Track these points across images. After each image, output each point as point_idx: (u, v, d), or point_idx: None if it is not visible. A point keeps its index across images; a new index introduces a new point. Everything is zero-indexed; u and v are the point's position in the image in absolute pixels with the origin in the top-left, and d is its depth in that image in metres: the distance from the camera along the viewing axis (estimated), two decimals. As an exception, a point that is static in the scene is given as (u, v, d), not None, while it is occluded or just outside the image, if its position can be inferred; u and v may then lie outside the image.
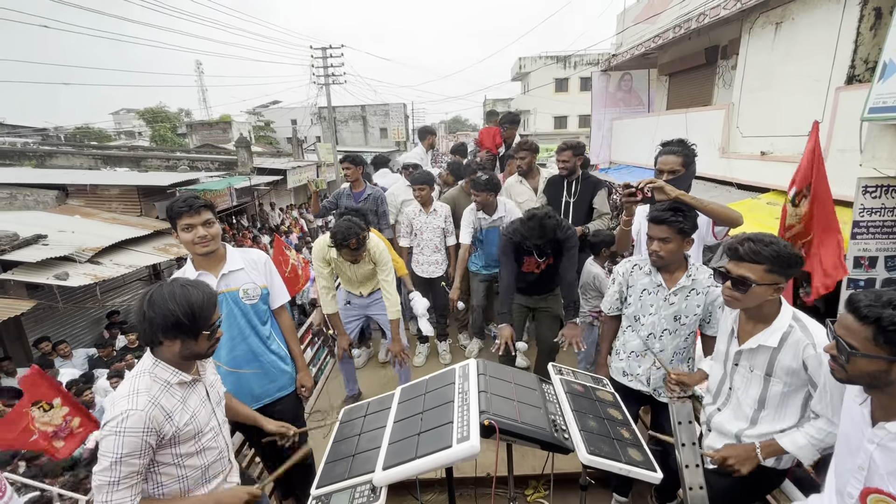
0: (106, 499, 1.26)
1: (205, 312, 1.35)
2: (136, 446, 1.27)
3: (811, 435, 1.47)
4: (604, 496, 2.40)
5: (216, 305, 1.42)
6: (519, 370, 1.73)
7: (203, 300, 1.35)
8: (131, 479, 1.28)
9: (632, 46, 9.36)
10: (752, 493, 1.68)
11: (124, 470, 1.26)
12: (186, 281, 1.40)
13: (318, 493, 1.43)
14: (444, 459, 1.26)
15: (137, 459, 1.28)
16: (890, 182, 3.87)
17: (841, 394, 1.38)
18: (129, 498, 1.28)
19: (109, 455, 1.25)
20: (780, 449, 1.52)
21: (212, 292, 1.41)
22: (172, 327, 1.31)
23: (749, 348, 1.56)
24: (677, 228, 1.86)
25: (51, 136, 24.75)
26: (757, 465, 1.55)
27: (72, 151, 13.29)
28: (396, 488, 2.14)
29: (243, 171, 12.58)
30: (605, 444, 1.42)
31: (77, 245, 6.59)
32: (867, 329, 1.07)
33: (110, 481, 1.25)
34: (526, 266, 2.83)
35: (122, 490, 1.27)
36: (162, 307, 1.30)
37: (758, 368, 1.56)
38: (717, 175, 6.84)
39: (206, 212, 1.87)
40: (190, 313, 1.32)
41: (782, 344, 1.48)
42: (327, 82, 20.76)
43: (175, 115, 41.85)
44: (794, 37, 5.58)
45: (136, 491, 1.30)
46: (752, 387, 1.58)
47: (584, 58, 24.40)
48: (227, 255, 2.04)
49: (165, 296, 1.31)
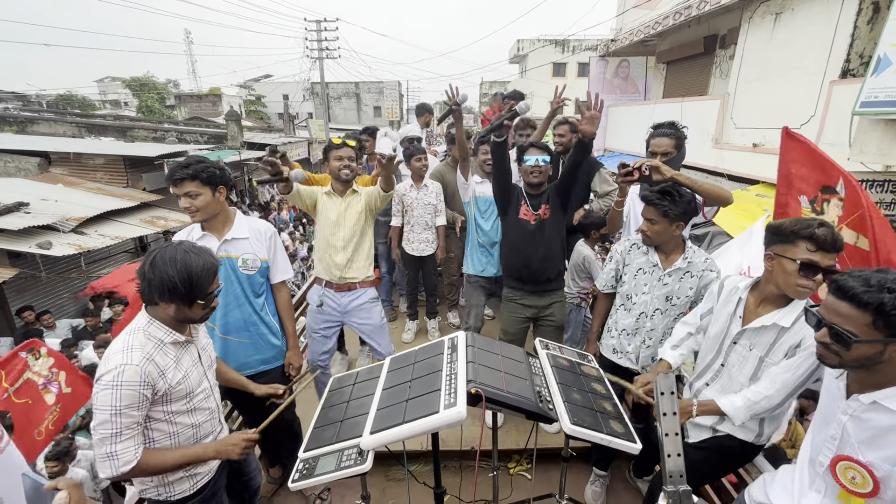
0: (109, 450, 1.28)
1: (202, 282, 1.36)
2: (133, 399, 1.28)
3: (747, 397, 1.54)
4: (584, 470, 2.48)
5: (215, 275, 1.43)
6: (507, 344, 1.76)
7: (202, 269, 1.36)
8: (132, 431, 1.30)
9: (631, 32, 9.27)
10: (727, 467, 1.75)
11: (125, 421, 1.28)
12: (191, 247, 1.39)
13: (306, 457, 1.45)
14: (432, 424, 1.28)
15: (136, 411, 1.30)
16: (876, 177, 3.94)
17: (805, 372, 1.45)
18: (133, 448, 1.31)
19: (108, 408, 1.26)
20: (716, 409, 1.59)
21: (213, 262, 1.41)
22: (169, 291, 1.33)
23: (756, 327, 1.57)
24: (662, 211, 1.89)
25: (32, 102, 23.94)
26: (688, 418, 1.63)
27: (54, 118, 12.88)
28: (384, 458, 2.19)
29: (233, 146, 12.36)
30: (588, 416, 1.46)
31: (60, 214, 6.45)
32: (867, 315, 1.05)
33: (113, 432, 1.27)
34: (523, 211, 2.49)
35: (125, 441, 1.29)
36: (162, 270, 1.31)
37: (757, 348, 1.59)
38: (709, 165, 6.90)
39: (188, 183, 1.83)
40: (187, 280, 1.33)
41: (793, 325, 1.51)
42: (321, 56, 20.30)
43: (163, 85, 40.61)
44: (793, 28, 5.58)
45: (138, 441, 1.33)
46: (748, 365, 1.62)
47: (583, 42, 24.09)
48: (234, 220, 2.03)
49: (167, 259, 1.32)
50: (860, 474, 1.14)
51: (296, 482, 1.40)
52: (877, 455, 1.12)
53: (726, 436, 1.67)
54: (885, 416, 1.11)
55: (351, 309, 2.61)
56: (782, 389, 1.48)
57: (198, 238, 1.96)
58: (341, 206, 2.52)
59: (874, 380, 1.13)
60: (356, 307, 2.61)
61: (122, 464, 1.29)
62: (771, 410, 1.54)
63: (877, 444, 1.12)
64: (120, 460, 1.29)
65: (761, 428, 1.64)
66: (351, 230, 2.53)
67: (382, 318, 2.74)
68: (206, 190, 1.87)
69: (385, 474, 2.53)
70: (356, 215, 2.54)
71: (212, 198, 1.90)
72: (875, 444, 1.12)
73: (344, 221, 2.52)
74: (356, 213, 2.54)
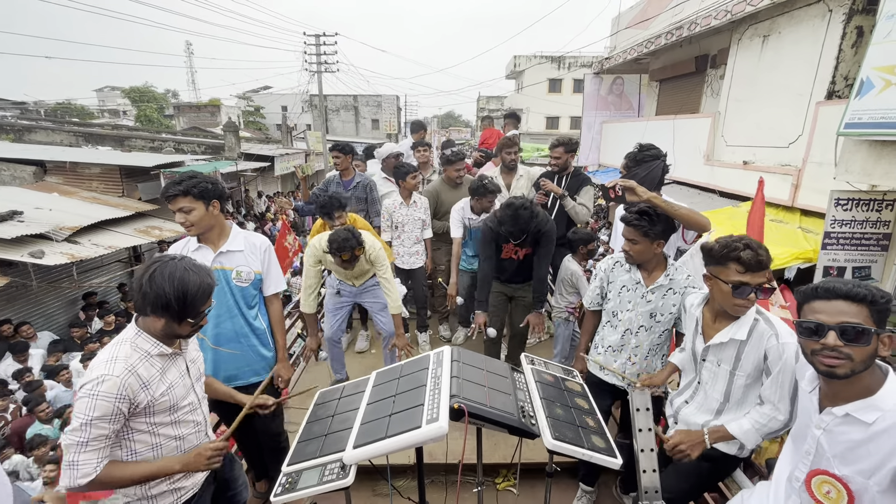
0: (73, 459, 1.27)
1: (196, 301, 1.38)
2: (107, 410, 1.28)
3: (755, 420, 1.55)
4: (571, 486, 2.47)
5: (209, 296, 1.44)
6: (492, 359, 1.77)
7: (199, 289, 1.37)
8: (99, 443, 1.30)
9: (624, 51, 9.47)
10: (711, 479, 1.76)
11: (94, 433, 1.28)
12: (191, 265, 1.40)
13: (289, 471, 1.45)
14: (413, 439, 1.29)
15: (108, 424, 1.29)
16: (861, 196, 4.03)
17: (790, 381, 1.47)
18: (96, 460, 1.29)
19: (81, 416, 1.27)
20: (727, 434, 1.60)
21: (209, 282, 1.43)
22: (162, 307, 1.34)
23: (717, 343, 1.62)
24: (642, 232, 1.94)
25: (30, 111, 23.99)
26: (704, 449, 1.63)
27: (52, 127, 12.91)
28: (369, 473, 2.17)
29: (230, 156, 12.40)
30: (570, 431, 1.47)
31: (54, 223, 6.43)
32: (864, 308, 1.09)
33: (79, 441, 1.27)
34: (505, 252, 2.97)
35: (89, 452, 1.28)
36: (159, 286, 1.32)
37: (725, 363, 1.63)
38: (701, 182, 6.99)
39: (181, 199, 1.87)
40: (182, 299, 1.34)
41: (749, 336, 1.55)
42: (319, 70, 20.52)
43: (162, 95, 40.88)
44: (780, 50, 5.73)
45: (102, 455, 1.31)
46: (719, 381, 1.66)
47: (578, 59, 24.54)
48: (230, 233, 2.06)
49: (166, 276, 1.33)
50: (835, 488, 1.15)
51: (278, 496, 1.40)
52: (851, 469, 1.13)
53: (710, 448, 1.68)
54: (857, 429, 1.12)
55: (363, 291, 3.13)
56: (785, 405, 1.50)
57: (193, 250, 2.00)
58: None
59: (849, 391, 1.14)
60: (367, 289, 3.12)
61: (80, 475, 1.28)
62: (786, 426, 1.53)
63: (850, 457, 1.14)
64: (79, 471, 1.28)
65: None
66: (360, 273, 3.01)
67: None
68: (200, 205, 1.91)
69: (372, 489, 2.51)
70: (361, 269, 2.96)
71: (205, 212, 1.93)
72: (849, 458, 1.14)
73: (351, 273, 2.97)
74: (363, 269, 2.97)
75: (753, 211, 3.86)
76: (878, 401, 1.11)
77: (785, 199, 5.33)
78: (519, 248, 2.94)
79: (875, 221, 4.05)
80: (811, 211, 5.04)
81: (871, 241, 4.09)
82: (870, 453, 1.10)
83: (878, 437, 1.09)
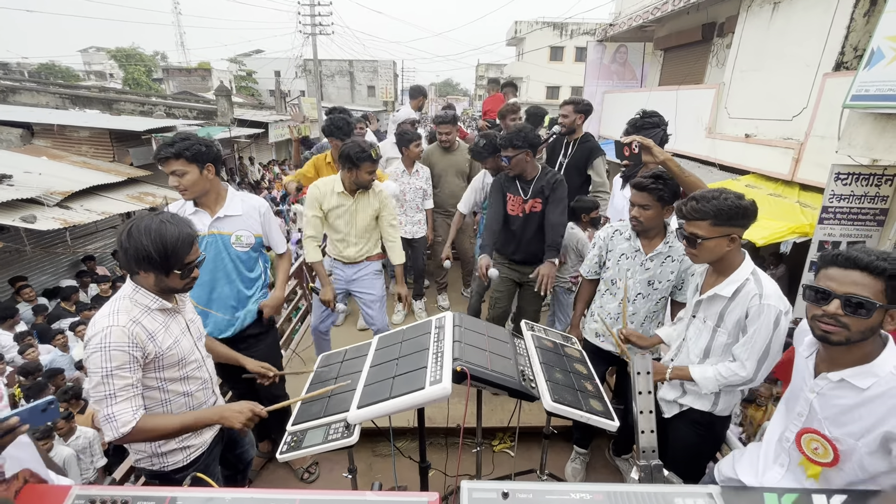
0: (108, 412, 1.29)
1: (178, 251, 1.35)
2: (124, 360, 1.30)
3: (719, 371, 1.60)
4: (565, 448, 2.56)
5: (192, 245, 1.41)
6: (493, 325, 1.80)
7: (178, 239, 1.35)
8: (127, 392, 1.31)
9: (629, 17, 9.17)
10: (704, 443, 1.81)
11: (118, 383, 1.29)
12: (169, 217, 1.39)
13: (294, 430, 1.49)
14: (417, 400, 1.32)
15: (129, 373, 1.31)
16: (861, 170, 4.01)
17: (763, 343, 1.50)
18: (131, 409, 1.31)
19: (99, 370, 1.28)
20: (687, 374, 1.66)
21: (189, 232, 1.40)
22: (144, 260, 1.33)
23: (706, 297, 1.65)
24: (657, 196, 1.92)
25: (13, 71, 23.13)
26: (662, 379, 1.70)
27: (37, 88, 12.47)
28: (368, 435, 2.24)
29: (223, 122, 12.11)
30: (569, 394, 1.51)
31: (45, 188, 6.31)
32: (880, 282, 1.08)
33: (107, 394, 1.29)
34: (511, 206, 2.71)
35: (122, 402, 1.30)
36: (137, 240, 1.31)
37: (710, 319, 1.66)
38: (702, 155, 6.93)
39: (173, 162, 1.82)
40: (162, 250, 1.32)
41: (735, 295, 1.57)
42: (314, 32, 19.80)
43: (150, 57, 39.44)
44: (790, 18, 5.56)
45: (135, 404, 1.33)
46: (702, 337, 1.69)
47: (581, 26, 23.81)
48: (227, 197, 2.02)
49: (142, 229, 1.32)
50: (822, 446, 1.20)
51: (284, 454, 1.43)
52: (841, 431, 1.17)
53: (689, 409, 1.75)
54: (851, 394, 1.16)
55: (355, 279, 2.82)
56: (752, 364, 1.54)
57: (190, 213, 1.97)
58: (353, 206, 2.63)
59: (846, 358, 1.17)
60: (360, 278, 2.82)
61: (120, 425, 1.30)
62: (750, 384, 1.59)
63: (842, 420, 1.18)
64: (118, 422, 1.30)
65: (717, 398, 1.70)
66: (363, 229, 2.70)
67: (383, 292, 2.89)
68: (193, 168, 1.85)
69: (372, 450, 2.59)
70: (368, 217, 2.68)
71: (199, 175, 1.88)
72: (840, 421, 1.18)
73: (355, 221, 2.67)
74: (368, 215, 2.68)
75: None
76: (874, 367, 1.13)
77: (785, 173, 5.31)
78: (524, 201, 2.65)
79: (873, 196, 4.06)
80: (810, 185, 5.03)
81: (867, 215, 4.11)
82: (861, 417, 1.14)
83: (870, 402, 1.13)
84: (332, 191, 2.58)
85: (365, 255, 2.79)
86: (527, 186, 2.64)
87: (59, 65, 35.31)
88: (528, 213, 2.66)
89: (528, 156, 2.55)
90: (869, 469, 1.15)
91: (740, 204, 1.49)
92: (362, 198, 2.63)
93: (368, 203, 2.65)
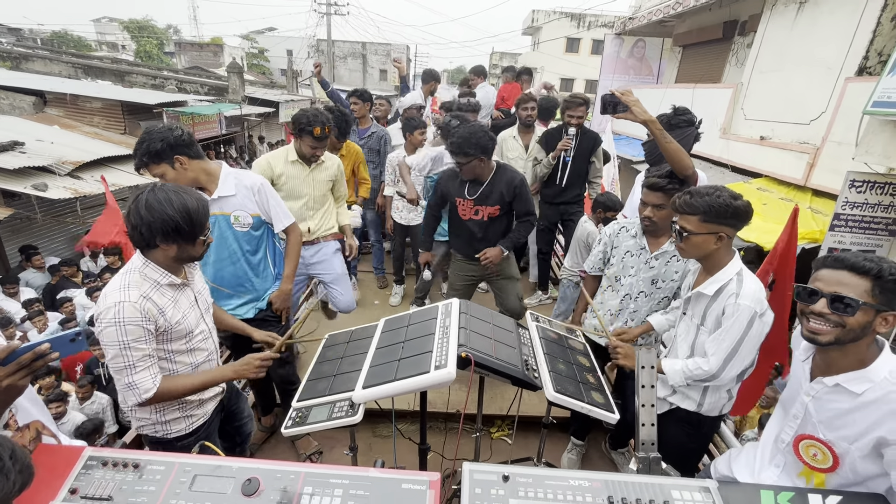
0: (128, 381, 1.35)
1: (201, 217, 1.40)
2: (139, 333, 1.33)
3: (686, 364, 1.64)
4: (562, 439, 2.59)
5: (208, 210, 1.46)
6: (499, 314, 1.81)
7: (198, 206, 1.39)
8: (145, 362, 1.36)
9: (650, 11, 9.00)
10: (693, 440, 1.83)
11: (135, 354, 1.34)
12: (177, 187, 1.40)
13: (300, 406, 1.52)
14: (422, 383, 1.34)
15: (144, 344, 1.35)
16: (877, 178, 3.95)
17: (732, 341, 1.51)
18: (151, 377, 1.37)
19: (115, 344, 1.31)
20: (659, 366, 1.68)
21: (204, 198, 1.45)
22: (173, 231, 1.34)
23: (692, 295, 1.67)
24: (672, 195, 1.90)
25: (26, 38, 23.07)
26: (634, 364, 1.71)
27: (49, 57, 12.49)
28: (369, 416, 2.27)
29: (234, 99, 12.07)
30: (571, 386, 1.53)
31: (56, 157, 6.35)
32: (867, 281, 1.10)
33: (126, 365, 1.34)
34: (462, 210, 2.66)
35: (141, 371, 1.36)
36: (161, 212, 1.32)
37: (695, 317, 1.68)
38: (714, 156, 6.85)
39: (149, 168, 1.78)
40: (188, 219, 1.35)
41: (718, 295, 1.58)
42: (328, 12, 19.58)
43: (162, 31, 39.21)
44: (815, 19, 5.44)
45: (154, 371, 1.39)
46: (689, 334, 1.71)
47: (600, 18, 23.40)
48: (220, 176, 1.98)
49: (162, 201, 1.33)
50: (821, 451, 1.21)
51: (288, 429, 1.46)
52: (835, 434, 1.19)
53: (676, 408, 1.77)
54: (846, 398, 1.17)
55: (314, 262, 2.79)
56: (717, 360, 1.55)
57: None
58: (308, 176, 2.60)
59: (842, 363, 1.18)
60: (318, 261, 2.80)
61: (142, 391, 1.36)
62: (712, 380, 1.60)
63: (836, 424, 1.19)
64: (140, 389, 1.36)
65: (703, 398, 1.72)
66: (318, 200, 2.69)
67: (343, 268, 2.90)
68: (164, 166, 1.79)
69: (372, 431, 2.63)
70: (323, 185, 2.67)
71: (173, 171, 1.81)
72: (834, 425, 1.19)
73: (311, 192, 2.64)
74: (323, 182, 2.67)
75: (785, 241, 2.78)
76: (869, 373, 1.14)
77: (798, 177, 5.25)
78: (480, 206, 2.60)
79: (887, 206, 4.01)
80: (823, 191, 4.97)
81: (879, 225, 4.06)
82: (855, 421, 1.15)
83: (865, 407, 1.14)
84: (286, 159, 2.55)
85: (322, 230, 2.75)
86: (477, 188, 2.59)
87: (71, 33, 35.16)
88: (487, 220, 2.65)
89: (482, 161, 2.50)
90: (861, 472, 1.16)
91: (733, 204, 1.49)
92: (317, 167, 2.62)
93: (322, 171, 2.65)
